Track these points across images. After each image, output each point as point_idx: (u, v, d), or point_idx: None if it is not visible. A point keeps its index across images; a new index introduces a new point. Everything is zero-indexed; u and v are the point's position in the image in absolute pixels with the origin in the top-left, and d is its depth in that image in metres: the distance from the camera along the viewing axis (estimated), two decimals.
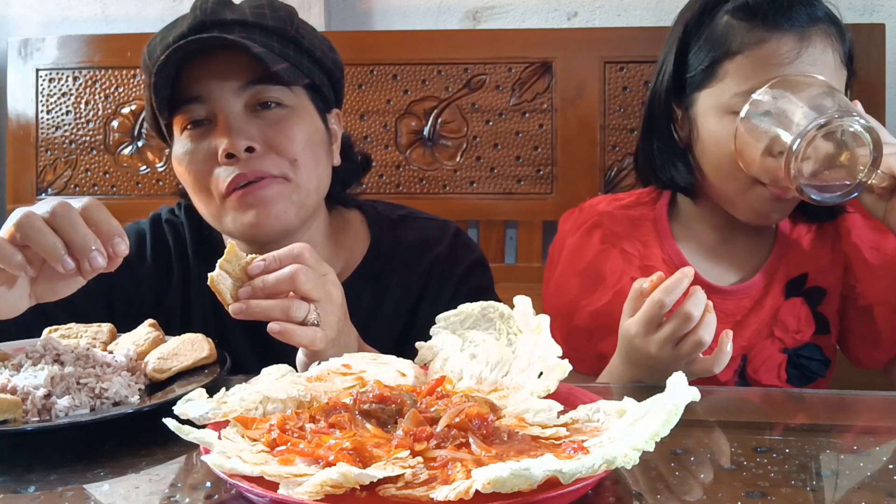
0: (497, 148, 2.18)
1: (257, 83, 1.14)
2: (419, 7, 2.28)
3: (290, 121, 1.16)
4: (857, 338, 1.29)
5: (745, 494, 0.69)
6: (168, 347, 0.98)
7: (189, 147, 1.16)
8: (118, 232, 0.89)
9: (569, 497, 0.65)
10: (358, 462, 0.67)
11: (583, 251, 1.30)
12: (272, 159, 1.14)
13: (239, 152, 1.12)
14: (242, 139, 1.12)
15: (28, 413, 0.83)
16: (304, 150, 1.16)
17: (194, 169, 1.16)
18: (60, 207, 0.86)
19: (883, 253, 1.20)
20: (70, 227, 0.86)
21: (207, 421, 0.76)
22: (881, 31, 2.03)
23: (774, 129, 1.03)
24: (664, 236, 1.27)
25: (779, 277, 1.24)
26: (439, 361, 0.91)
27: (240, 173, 1.12)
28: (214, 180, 1.14)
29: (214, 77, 1.14)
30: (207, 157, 1.14)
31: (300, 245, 0.97)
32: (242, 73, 1.14)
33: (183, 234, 1.30)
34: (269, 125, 1.15)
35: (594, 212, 1.32)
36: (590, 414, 0.79)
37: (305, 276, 0.94)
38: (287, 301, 0.94)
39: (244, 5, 1.19)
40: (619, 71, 2.13)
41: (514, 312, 0.94)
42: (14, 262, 0.86)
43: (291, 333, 0.93)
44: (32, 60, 2.32)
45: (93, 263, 0.86)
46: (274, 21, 1.18)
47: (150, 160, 2.30)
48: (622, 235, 1.28)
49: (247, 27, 1.16)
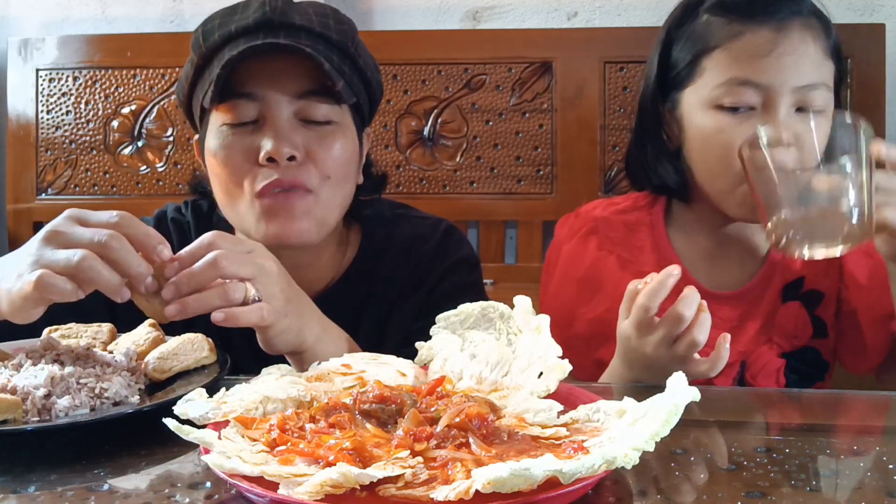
0: (497, 148, 2.18)
1: (312, 95, 1.14)
2: (419, 7, 2.28)
3: (334, 137, 1.16)
4: (845, 343, 1.29)
5: (745, 494, 0.69)
6: (168, 347, 0.98)
7: (229, 142, 1.15)
8: (158, 240, 0.90)
9: (569, 497, 0.65)
10: (358, 462, 0.67)
11: (580, 258, 1.30)
12: (309, 171, 1.14)
13: (282, 159, 1.11)
14: (288, 147, 1.11)
15: (28, 413, 0.83)
16: (339, 168, 1.17)
17: (231, 165, 1.14)
18: (113, 241, 0.86)
19: (875, 260, 1.19)
20: (126, 261, 0.87)
21: (207, 421, 0.76)
22: (881, 31, 2.03)
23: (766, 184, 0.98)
24: (660, 241, 1.26)
25: (775, 281, 1.24)
26: (439, 361, 0.91)
27: (277, 179, 1.12)
28: (248, 179, 1.13)
29: (272, 79, 1.13)
30: (247, 155, 1.13)
31: (210, 234, 0.96)
32: (300, 81, 1.13)
33: (189, 234, 1.29)
34: (314, 138, 1.15)
35: (590, 217, 1.32)
36: (590, 414, 0.79)
37: (226, 259, 0.93)
38: (221, 287, 0.93)
39: (310, 11, 1.17)
40: (619, 71, 2.13)
41: (514, 312, 0.94)
42: (71, 295, 0.86)
43: (236, 317, 0.93)
44: (32, 60, 2.32)
45: (148, 289, 0.90)
46: (338, 35, 1.17)
47: (150, 160, 2.30)
48: (618, 241, 1.28)
49: (312, 36, 1.15)
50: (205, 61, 1.17)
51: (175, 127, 2.28)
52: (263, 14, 1.14)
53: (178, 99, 1.26)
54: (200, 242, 0.95)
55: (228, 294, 0.93)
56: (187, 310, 0.92)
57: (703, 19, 1.15)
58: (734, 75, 1.10)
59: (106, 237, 0.86)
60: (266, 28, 1.14)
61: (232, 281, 0.94)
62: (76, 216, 0.90)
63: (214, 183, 1.19)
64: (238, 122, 1.14)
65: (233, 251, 0.95)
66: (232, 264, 0.94)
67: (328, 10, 1.19)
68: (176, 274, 0.92)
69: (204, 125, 1.20)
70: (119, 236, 0.87)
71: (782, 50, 1.07)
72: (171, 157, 2.29)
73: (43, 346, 0.95)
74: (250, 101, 1.13)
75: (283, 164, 1.12)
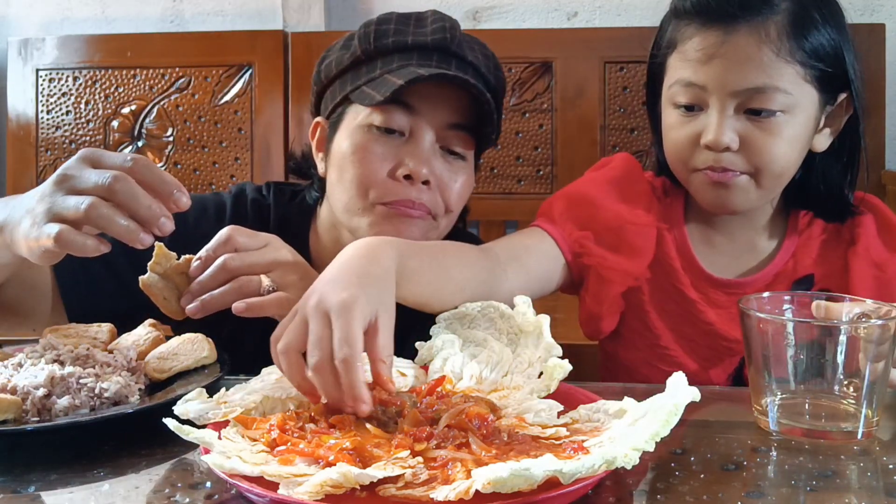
0: (497, 148, 2.18)
1: (459, 128, 1.16)
2: (419, 7, 2.28)
3: (464, 173, 1.18)
4: None
5: (745, 494, 0.69)
6: (168, 347, 0.98)
7: (370, 145, 1.15)
8: (175, 186, 0.87)
9: (569, 497, 0.65)
10: (358, 462, 0.67)
11: (616, 166, 1.28)
12: (435, 198, 1.15)
13: (418, 180, 1.13)
14: (427, 170, 1.13)
15: (28, 413, 0.83)
16: (459, 203, 1.19)
17: (366, 168, 1.14)
18: (118, 183, 0.83)
19: (884, 273, 1.18)
20: (134, 202, 0.84)
21: (207, 421, 0.76)
22: (881, 31, 2.03)
23: None
24: (676, 217, 1.26)
25: (785, 276, 1.24)
26: (439, 361, 0.91)
27: (408, 199, 1.13)
28: (378, 188, 1.14)
29: (434, 101, 1.14)
30: (384, 164, 1.14)
31: (227, 230, 0.98)
32: (454, 113, 1.15)
33: (268, 217, 1.29)
34: (448, 169, 1.16)
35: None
36: (590, 414, 0.79)
37: (234, 260, 0.96)
38: (236, 281, 0.95)
39: (477, 50, 1.19)
40: (619, 71, 2.13)
41: (514, 312, 0.94)
42: (93, 251, 0.84)
43: (259, 306, 0.95)
44: (32, 60, 2.33)
45: (163, 230, 0.85)
46: (496, 81, 1.20)
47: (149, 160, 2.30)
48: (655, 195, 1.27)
49: (478, 75, 1.17)
50: (367, 58, 1.17)
51: (175, 127, 2.29)
52: (443, 38, 1.15)
53: (316, 79, 1.25)
54: (219, 239, 0.97)
55: (245, 289, 0.95)
56: (207, 308, 0.96)
57: (672, 21, 1.18)
58: (681, 76, 1.13)
59: (110, 180, 0.83)
60: (441, 52, 1.16)
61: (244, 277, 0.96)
62: (89, 157, 0.87)
63: (339, 175, 1.18)
64: (388, 128, 1.15)
65: (248, 245, 0.97)
66: (241, 267, 0.96)
67: (490, 53, 1.22)
68: (198, 273, 0.96)
69: (337, 115, 1.20)
70: (125, 177, 0.84)
71: (723, 52, 1.09)
72: (171, 157, 2.30)
73: (43, 346, 0.95)
74: (407, 114, 1.14)
75: (417, 186, 1.13)
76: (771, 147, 1.09)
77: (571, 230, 1.20)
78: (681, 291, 1.20)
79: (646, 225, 1.21)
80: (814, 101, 1.12)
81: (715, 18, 1.11)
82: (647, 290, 1.22)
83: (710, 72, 1.10)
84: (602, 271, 1.19)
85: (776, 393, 0.84)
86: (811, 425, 0.82)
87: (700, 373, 1.18)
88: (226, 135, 2.28)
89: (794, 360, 0.83)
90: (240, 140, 2.26)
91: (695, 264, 1.21)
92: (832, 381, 0.82)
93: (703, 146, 1.11)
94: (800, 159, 1.14)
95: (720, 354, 1.19)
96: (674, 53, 1.16)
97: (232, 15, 2.37)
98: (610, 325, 1.22)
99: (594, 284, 1.20)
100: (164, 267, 0.97)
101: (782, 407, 0.84)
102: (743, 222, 1.22)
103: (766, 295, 0.92)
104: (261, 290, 0.96)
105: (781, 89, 1.09)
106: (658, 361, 1.20)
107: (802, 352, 0.83)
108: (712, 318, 1.19)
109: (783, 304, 0.91)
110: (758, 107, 1.09)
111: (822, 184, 1.19)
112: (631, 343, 1.24)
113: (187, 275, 0.98)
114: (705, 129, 1.10)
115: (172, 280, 0.98)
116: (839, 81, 1.14)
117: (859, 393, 0.82)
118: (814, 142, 1.15)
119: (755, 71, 1.09)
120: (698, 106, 1.13)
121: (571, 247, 1.19)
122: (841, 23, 1.14)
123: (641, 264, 1.20)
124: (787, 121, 1.10)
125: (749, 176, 1.12)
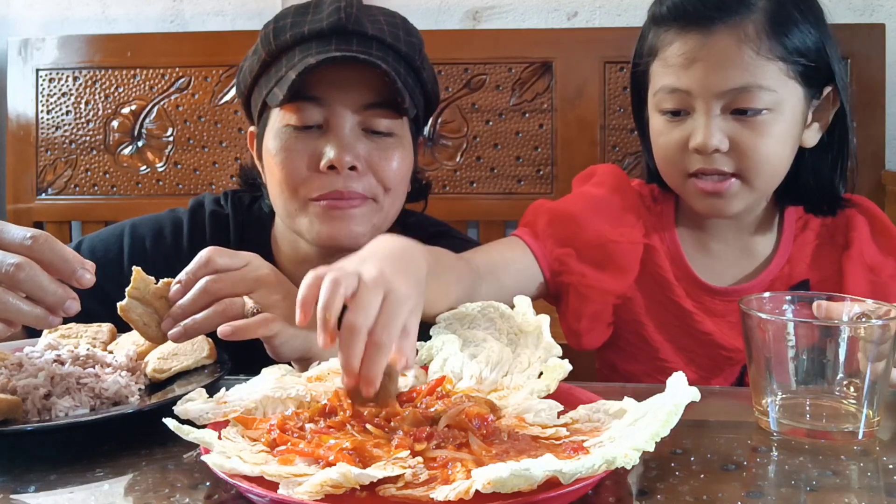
0: (497, 148, 2.18)
1: (377, 107, 1.15)
2: (419, 7, 2.28)
3: (395, 150, 1.17)
4: None
5: (745, 494, 0.69)
6: (168, 347, 0.98)
7: (290, 144, 1.15)
8: (78, 263, 0.84)
9: (569, 497, 0.65)
10: (358, 462, 0.67)
11: (602, 181, 1.27)
12: (368, 181, 1.15)
13: (343, 168, 1.12)
14: (350, 157, 1.12)
15: (28, 413, 0.83)
16: (398, 179, 1.18)
17: (289, 167, 1.14)
18: (21, 272, 0.81)
19: (879, 276, 1.18)
20: (40, 291, 0.82)
21: (207, 421, 0.76)
22: (881, 31, 2.03)
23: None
24: (667, 224, 1.25)
25: (780, 281, 1.23)
26: (439, 361, 0.91)
27: (336, 190, 1.12)
28: (306, 185, 1.14)
29: (341, 87, 1.13)
30: (307, 160, 1.14)
31: (206, 251, 0.95)
32: (368, 92, 1.14)
33: (227, 228, 1.28)
34: (376, 149, 1.15)
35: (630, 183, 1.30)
36: (590, 414, 0.79)
37: (216, 283, 0.93)
38: (219, 304, 0.92)
39: (381, 19, 1.17)
40: (619, 71, 2.13)
41: (514, 312, 0.94)
42: (3, 334, 0.83)
43: (244, 329, 0.92)
44: (32, 60, 2.33)
45: (69, 313, 0.84)
46: (407, 47, 1.18)
47: (150, 160, 2.30)
48: (642, 205, 1.26)
49: (384, 47, 1.15)
50: (272, 58, 1.17)
51: (175, 127, 2.29)
52: (338, 20, 1.14)
53: (238, 90, 1.25)
54: (199, 261, 0.94)
55: (228, 312, 0.92)
56: (189, 333, 0.93)
57: (651, 28, 1.19)
58: (665, 83, 1.14)
59: (13, 269, 0.81)
60: (339, 34, 1.14)
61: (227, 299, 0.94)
62: None
63: (270, 180, 1.19)
64: (302, 125, 1.15)
65: (228, 266, 0.95)
66: (222, 290, 0.93)
67: (398, 19, 1.20)
68: (179, 297, 0.93)
69: (263, 121, 1.20)
70: (29, 264, 0.81)
71: (704, 55, 1.10)
72: (171, 157, 2.30)
73: (43, 347, 0.95)
74: (317, 106, 1.14)
75: (344, 174, 1.12)
76: (760, 146, 1.09)
77: (552, 248, 1.20)
78: (676, 303, 1.20)
79: (630, 242, 1.20)
80: (799, 96, 1.12)
81: (693, 22, 1.11)
82: (642, 303, 1.21)
83: (693, 76, 1.10)
84: (581, 289, 1.19)
85: (777, 393, 0.84)
86: (812, 425, 0.82)
87: (701, 383, 1.18)
88: (226, 135, 2.28)
89: (794, 361, 0.83)
90: (240, 140, 2.26)
91: (689, 273, 1.20)
92: (833, 381, 0.82)
93: (692, 150, 1.11)
94: (791, 156, 1.14)
95: (720, 364, 1.19)
96: (656, 60, 1.16)
97: (232, 15, 2.37)
98: (592, 341, 1.22)
99: (574, 301, 1.20)
100: (143, 292, 0.93)
101: (783, 407, 0.84)
102: (735, 223, 1.22)
103: (766, 295, 0.92)
104: (244, 311, 0.94)
105: (765, 87, 1.09)
106: (658, 374, 1.19)
107: (803, 352, 0.83)
108: (710, 328, 1.19)
109: (784, 305, 0.91)
110: (743, 106, 1.09)
111: (813, 178, 1.19)
112: (630, 356, 1.24)
113: (166, 299, 0.94)
114: (693, 133, 1.10)
115: (152, 305, 0.94)
116: (823, 75, 1.13)
117: (860, 393, 0.82)
118: (803, 137, 1.15)
119: (737, 71, 1.09)
120: (684, 111, 1.13)
121: (551, 264, 1.19)
122: (819, 16, 1.14)
123: (625, 282, 1.20)
124: (774, 118, 1.10)
125: (741, 180, 1.11)
